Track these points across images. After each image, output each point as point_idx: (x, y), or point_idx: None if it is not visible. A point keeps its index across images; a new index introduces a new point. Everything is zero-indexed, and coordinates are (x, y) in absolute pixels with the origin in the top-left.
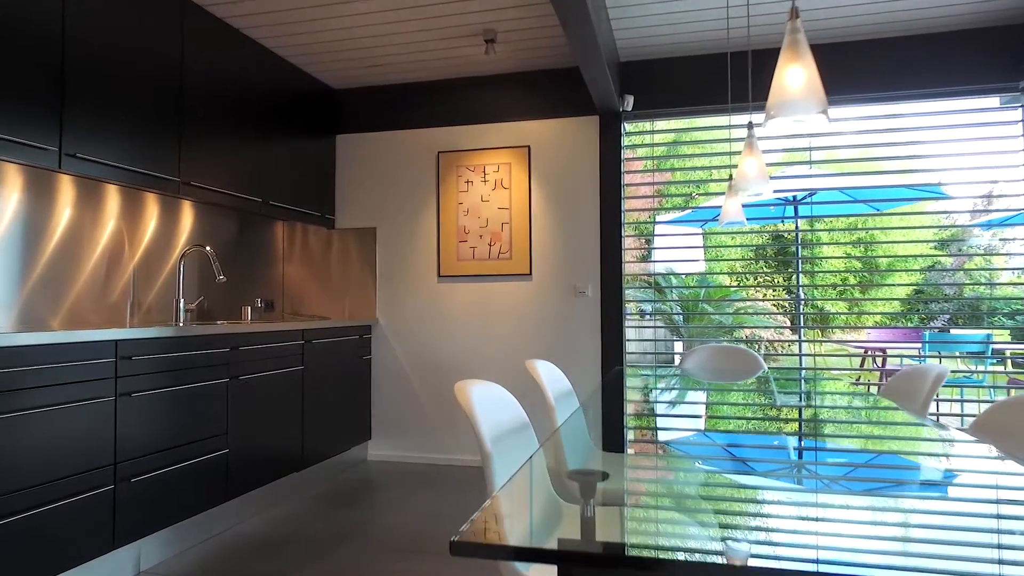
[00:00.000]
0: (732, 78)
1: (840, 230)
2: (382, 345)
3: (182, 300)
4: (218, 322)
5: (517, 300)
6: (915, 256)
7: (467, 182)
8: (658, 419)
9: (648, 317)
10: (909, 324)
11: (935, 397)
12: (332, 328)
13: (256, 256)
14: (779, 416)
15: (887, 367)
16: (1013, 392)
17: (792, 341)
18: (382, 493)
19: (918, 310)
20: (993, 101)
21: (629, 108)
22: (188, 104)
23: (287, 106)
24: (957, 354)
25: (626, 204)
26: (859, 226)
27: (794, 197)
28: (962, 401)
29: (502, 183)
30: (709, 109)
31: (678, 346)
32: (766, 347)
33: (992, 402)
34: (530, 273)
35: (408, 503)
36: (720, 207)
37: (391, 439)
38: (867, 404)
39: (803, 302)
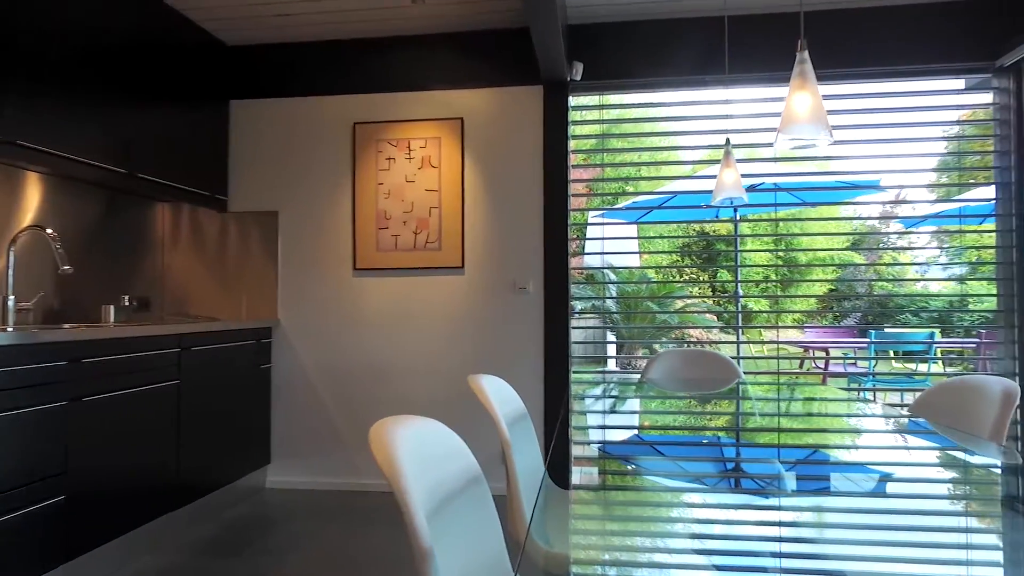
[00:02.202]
0: (704, 47)
1: (783, 220)
2: (285, 350)
3: (11, 297)
4: (64, 326)
5: (448, 297)
6: (858, 249)
7: (389, 159)
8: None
9: (576, 315)
10: (839, 323)
11: (1016, 422)
12: (220, 332)
13: (127, 243)
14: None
15: (829, 368)
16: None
17: (730, 342)
18: (282, 531)
19: (862, 308)
20: (958, 83)
21: (578, 77)
22: (21, 48)
23: (168, 62)
24: (892, 353)
25: (572, 188)
26: (798, 217)
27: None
28: (902, 395)
29: (430, 161)
30: (673, 82)
31: (611, 348)
32: (699, 347)
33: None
34: (463, 266)
35: (314, 543)
36: (665, 194)
37: (295, 462)
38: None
39: (741, 300)
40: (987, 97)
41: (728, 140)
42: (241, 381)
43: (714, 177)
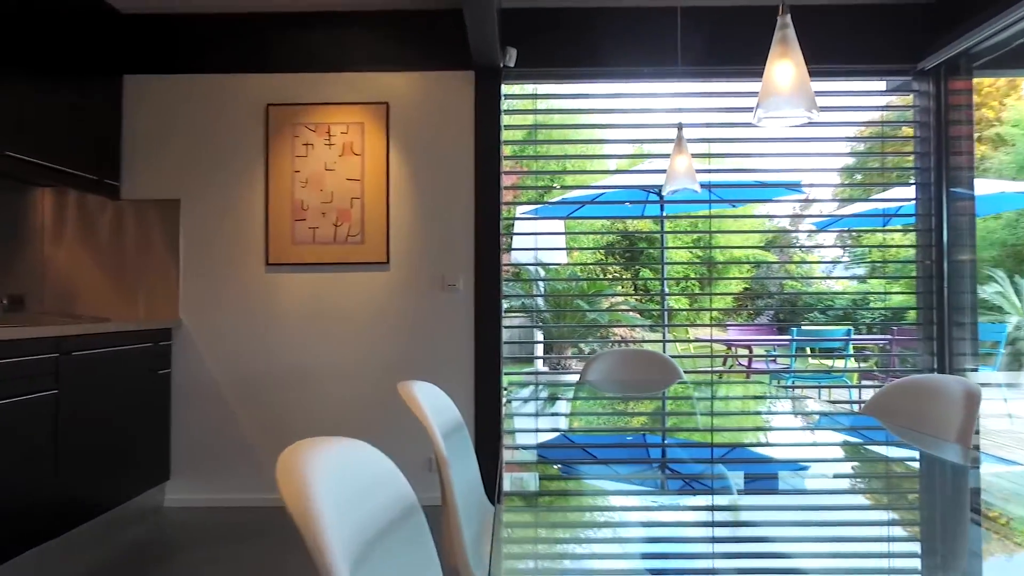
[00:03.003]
0: (651, 39)
1: (710, 217)
2: (187, 354)
3: None
4: None
5: (372, 295)
6: (772, 247)
7: (306, 145)
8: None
9: (504, 314)
10: (752, 320)
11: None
12: (110, 334)
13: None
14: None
15: (752, 366)
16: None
17: (656, 341)
18: (183, 556)
19: (773, 306)
20: (880, 85)
21: (511, 64)
22: None
23: (50, 29)
24: (809, 350)
25: (505, 180)
26: (721, 215)
27: (659, 190)
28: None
29: (352, 148)
30: (616, 73)
31: (539, 348)
32: (619, 346)
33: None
34: (388, 261)
35: (220, 570)
36: (592, 192)
37: (198, 477)
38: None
39: (666, 299)
40: (908, 99)
41: (680, 125)
42: (135, 389)
43: (651, 172)
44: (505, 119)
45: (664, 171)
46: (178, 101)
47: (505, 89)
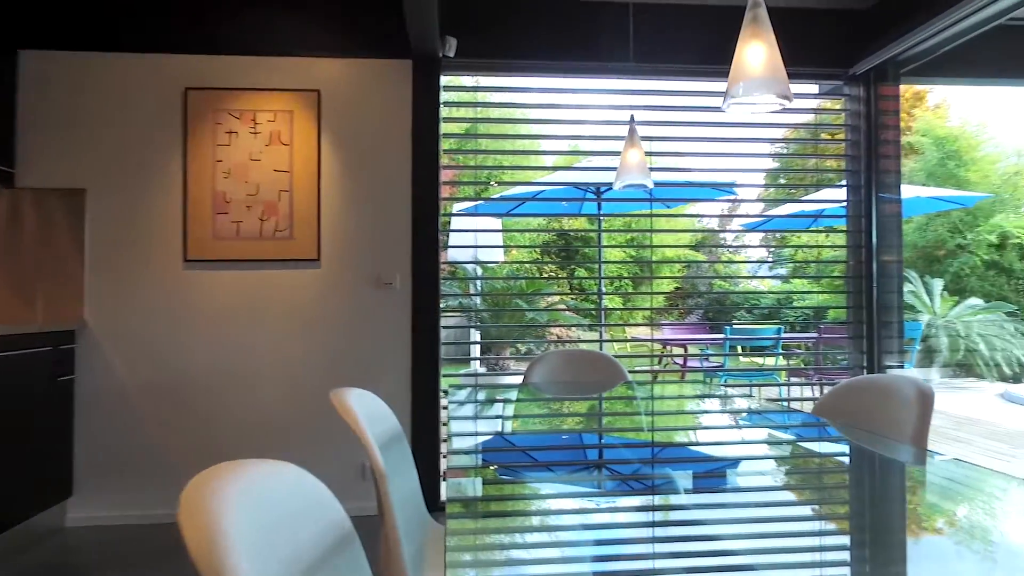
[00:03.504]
0: (601, 32)
1: (646, 216)
2: (93, 359)
3: None
4: None
5: (301, 293)
6: (712, 248)
7: (230, 133)
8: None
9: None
10: (683, 319)
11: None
12: (1, 337)
13: None
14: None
15: (688, 365)
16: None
17: (593, 340)
18: None
19: (703, 305)
20: (812, 88)
21: (451, 54)
22: None
23: None
24: (740, 348)
25: (444, 175)
26: (656, 214)
27: (597, 189)
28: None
29: (280, 137)
30: (563, 67)
31: (475, 349)
32: (558, 346)
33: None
34: (319, 258)
35: None
36: (535, 189)
37: (104, 493)
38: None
39: (604, 297)
40: (839, 103)
41: (632, 117)
42: (33, 397)
43: (590, 169)
44: (444, 111)
45: (605, 168)
46: (84, 81)
47: (445, 80)
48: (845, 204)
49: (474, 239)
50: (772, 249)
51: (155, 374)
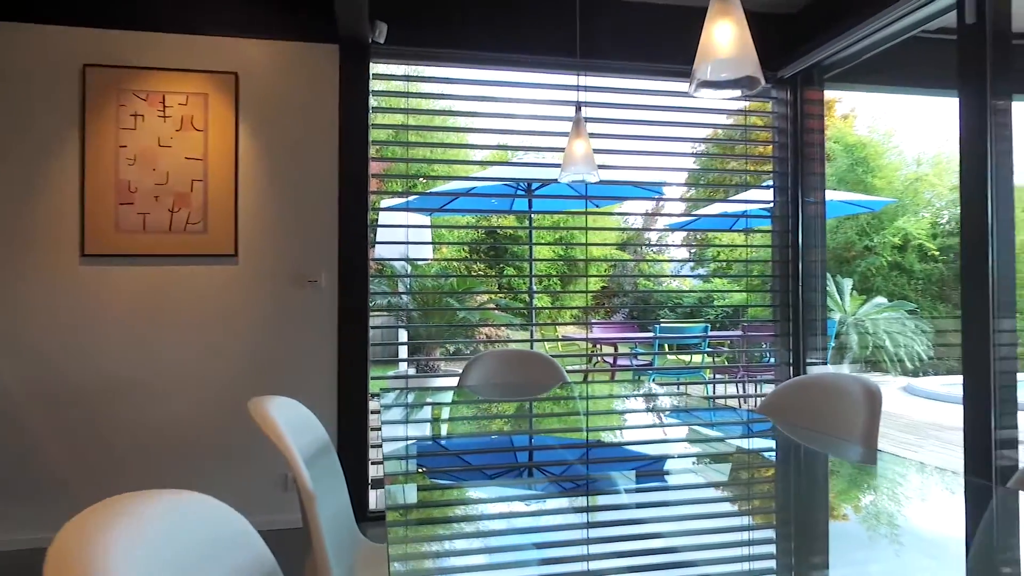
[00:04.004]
0: (546, 24)
1: (580, 214)
2: None
3: None
4: None
5: (217, 291)
6: (640, 247)
7: (135, 116)
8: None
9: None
10: (609, 318)
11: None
12: None
13: None
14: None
15: (617, 364)
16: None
17: (523, 340)
18: None
19: (646, 304)
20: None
21: (381, 40)
22: None
23: None
24: (667, 347)
25: (373, 168)
26: (581, 212)
27: (528, 185)
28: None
29: (193, 122)
30: (504, 59)
31: (403, 350)
32: (485, 347)
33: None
34: (236, 254)
35: None
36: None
37: None
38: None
39: (528, 297)
40: (767, 105)
41: (579, 107)
42: None
43: (523, 165)
44: (375, 102)
45: (538, 164)
46: None
47: (376, 69)
48: (771, 205)
49: (404, 235)
50: (696, 249)
51: (46, 380)
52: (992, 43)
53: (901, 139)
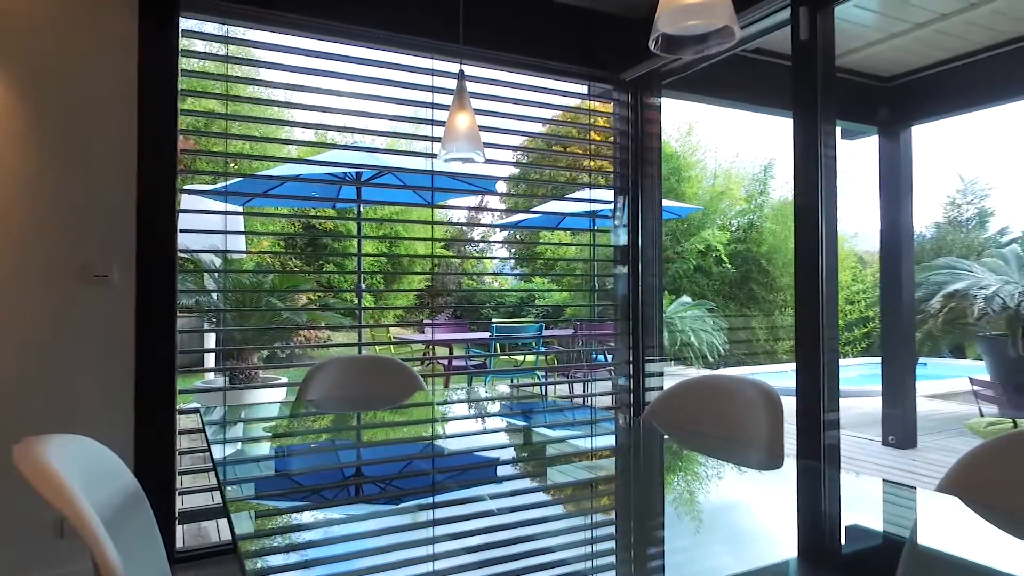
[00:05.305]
0: None
1: (407, 205)
2: None
3: None
4: None
5: None
6: (474, 243)
7: None
8: None
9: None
10: (433, 317)
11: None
12: None
13: None
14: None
15: (453, 366)
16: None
17: (351, 344)
18: None
19: (452, 303)
20: (582, 88)
21: None
22: None
23: None
24: (499, 347)
25: (184, 143)
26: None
27: (357, 175)
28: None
29: None
30: (365, 34)
31: (210, 360)
32: (304, 351)
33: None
34: None
35: None
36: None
37: None
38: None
39: (363, 294)
40: (609, 107)
41: (462, 74)
42: None
43: (366, 149)
44: (185, 64)
45: (370, 149)
46: None
47: (187, 25)
48: (613, 206)
49: (215, 223)
50: (527, 248)
51: None
52: (823, 60)
53: (704, 153)
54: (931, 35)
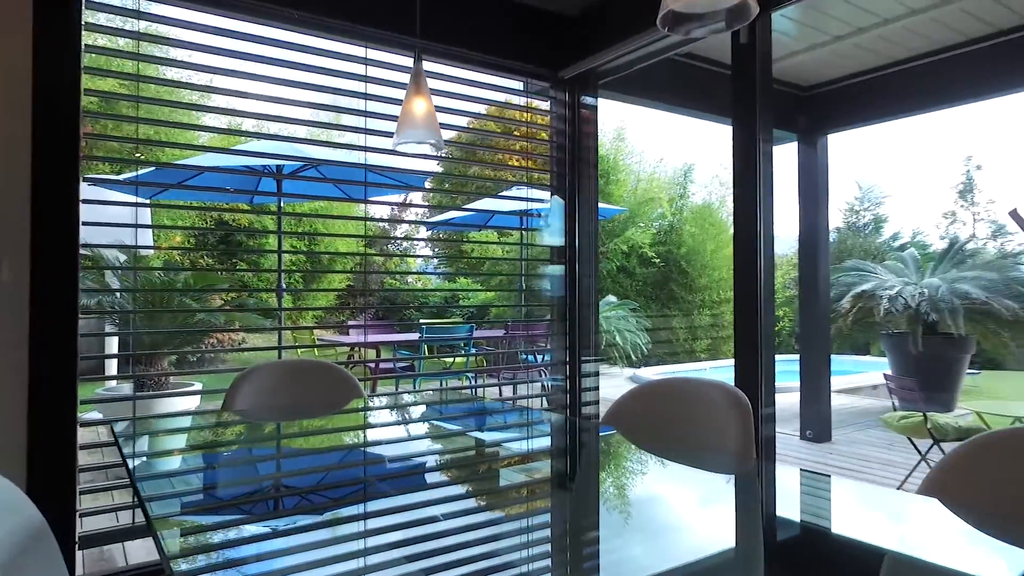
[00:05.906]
0: None
1: (324, 199)
2: None
3: None
4: None
5: None
6: (395, 240)
7: None
8: None
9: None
10: (354, 318)
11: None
12: None
13: None
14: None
15: (380, 368)
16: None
17: (271, 348)
18: None
19: (374, 304)
20: (518, 85)
21: None
22: None
23: None
24: (427, 349)
25: (87, 126)
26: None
27: (277, 168)
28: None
29: None
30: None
31: (112, 366)
32: (218, 355)
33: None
34: None
35: None
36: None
37: None
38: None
39: (284, 295)
40: (546, 105)
41: (419, 56)
42: None
43: (290, 139)
44: (87, 38)
45: (294, 140)
46: None
47: None
48: (549, 205)
49: (123, 217)
50: (454, 247)
51: None
52: (761, 63)
53: (631, 157)
54: (848, 48)
